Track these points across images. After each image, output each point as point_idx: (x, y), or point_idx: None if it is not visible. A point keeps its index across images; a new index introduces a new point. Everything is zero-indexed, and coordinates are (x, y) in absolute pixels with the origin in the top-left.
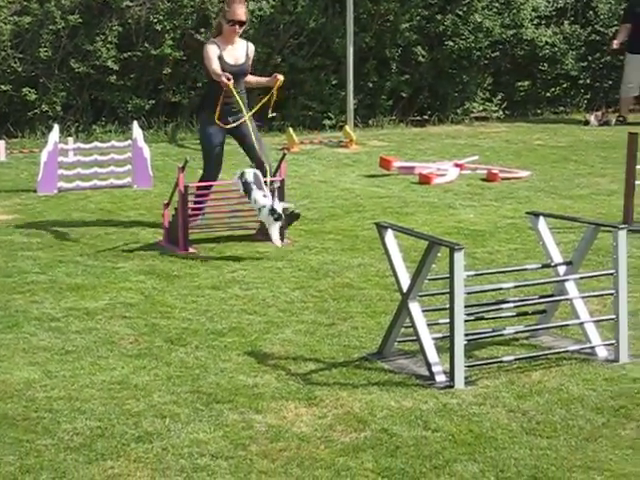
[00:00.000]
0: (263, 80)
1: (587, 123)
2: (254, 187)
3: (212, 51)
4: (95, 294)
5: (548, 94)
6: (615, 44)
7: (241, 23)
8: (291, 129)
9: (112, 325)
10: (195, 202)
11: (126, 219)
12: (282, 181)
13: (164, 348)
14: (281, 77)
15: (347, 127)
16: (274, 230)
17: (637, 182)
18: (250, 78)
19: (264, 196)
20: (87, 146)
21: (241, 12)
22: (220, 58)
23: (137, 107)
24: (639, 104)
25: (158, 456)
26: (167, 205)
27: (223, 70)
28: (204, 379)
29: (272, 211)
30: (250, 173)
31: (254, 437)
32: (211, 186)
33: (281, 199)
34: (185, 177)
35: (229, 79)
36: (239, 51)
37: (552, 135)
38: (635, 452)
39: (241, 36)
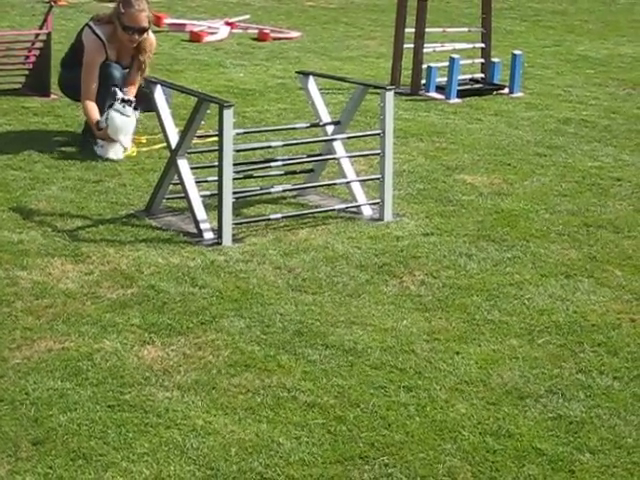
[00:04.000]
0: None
1: None
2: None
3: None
4: None
5: None
6: None
7: (142, 30)
8: None
9: None
10: None
11: None
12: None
13: None
14: None
15: None
16: (129, 133)
17: (405, 45)
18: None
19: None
20: None
21: (143, 17)
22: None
23: None
24: None
25: None
26: None
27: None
28: None
29: (127, 102)
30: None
31: (19, 294)
32: None
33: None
34: None
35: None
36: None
37: None
38: (396, 308)
39: None
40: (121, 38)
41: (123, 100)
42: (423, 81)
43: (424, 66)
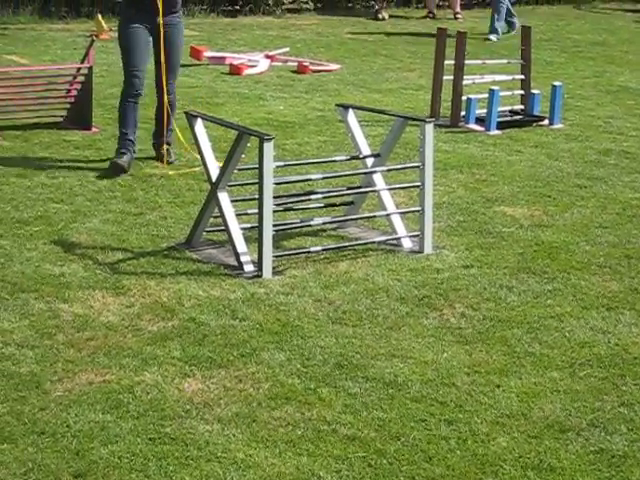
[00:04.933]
0: None
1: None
2: None
3: None
4: None
5: None
6: None
7: None
8: (100, 15)
9: None
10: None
11: None
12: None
13: None
14: None
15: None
16: None
17: (445, 77)
18: None
19: None
20: None
21: None
22: None
23: None
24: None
25: None
26: None
27: None
28: (9, 268)
29: None
30: None
31: (60, 326)
32: None
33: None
34: None
35: None
36: None
37: (362, 29)
38: (436, 340)
39: None
40: None
41: None
42: (463, 113)
43: (464, 98)
